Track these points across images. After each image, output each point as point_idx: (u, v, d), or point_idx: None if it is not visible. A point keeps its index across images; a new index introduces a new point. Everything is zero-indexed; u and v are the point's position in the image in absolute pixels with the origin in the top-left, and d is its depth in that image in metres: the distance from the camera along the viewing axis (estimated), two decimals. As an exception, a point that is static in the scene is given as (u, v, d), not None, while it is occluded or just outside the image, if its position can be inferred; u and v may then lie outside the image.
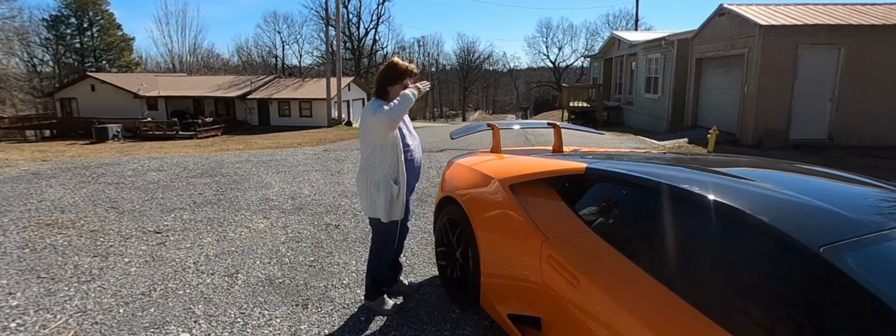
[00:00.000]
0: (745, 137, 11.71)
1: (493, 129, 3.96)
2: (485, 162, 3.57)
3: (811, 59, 11.05)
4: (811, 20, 11.26)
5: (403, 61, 3.04)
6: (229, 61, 62.78)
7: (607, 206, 2.46)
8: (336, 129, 24.56)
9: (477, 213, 3.04)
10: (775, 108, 11.31)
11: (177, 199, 5.92)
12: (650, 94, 17.58)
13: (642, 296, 1.87)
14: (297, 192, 6.33)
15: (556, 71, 63.53)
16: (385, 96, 3.01)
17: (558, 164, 2.85)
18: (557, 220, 2.53)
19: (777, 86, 11.20)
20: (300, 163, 8.75)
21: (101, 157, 9.62)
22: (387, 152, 2.97)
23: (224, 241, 4.47)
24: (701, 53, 13.96)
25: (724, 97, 13.01)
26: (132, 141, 26.26)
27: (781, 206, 1.86)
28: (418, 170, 3.25)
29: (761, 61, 11.13)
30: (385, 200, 3.01)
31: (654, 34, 19.42)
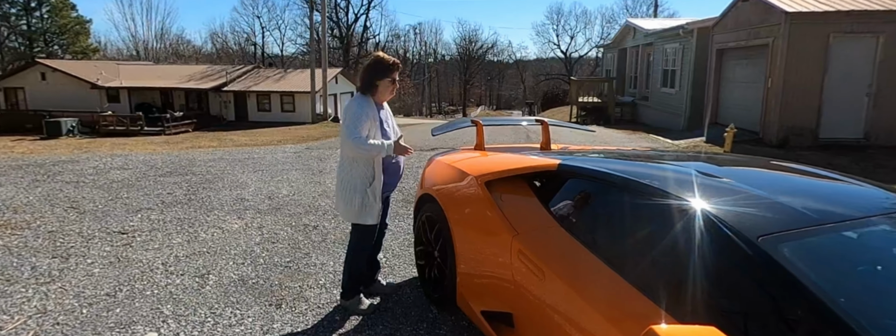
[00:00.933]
0: (768, 136, 11.92)
1: (476, 126, 4.26)
2: (464, 159, 3.87)
3: (844, 49, 11.09)
4: (845, 6, 11.24)
5: (389, 56, 3.36)
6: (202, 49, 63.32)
7: (576, 202, 2.75)
8: (321, 125, 24.88)
9: (453, 210, 3.33)
10: (803, 104, 11.42)
11: (143, 199, 6.20)
12: (667, 88, 17.90)
13: (600, 287, 2.16)
14: (274, 192, 6.62)
15: (568, 62, 64.00)
16: (372, 91, 3.32)
17: (533, 160, 3.15)
18: (528, 216, 2.82)
19: (805, 79, 11.29)
20: (279, 161, 9.05)
21: (56, 153, 9.91)
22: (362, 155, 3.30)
23: (195, 242, 4.75)
24: (722, 43, 14.25)
25: (747, 92, 13.23)
26: (90, 137, 26.33)
27: (731, 199, 2.14)
28: (399, 168, 3.54)
29: (787, 52, 11.21)
30: (359, 204, 3.31)
31: (672, 22, 19.75)
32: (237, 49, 61.33)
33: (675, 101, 17.15)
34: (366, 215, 3.33)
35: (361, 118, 3.21)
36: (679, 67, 16.83)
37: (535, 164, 3.06)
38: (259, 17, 69.42)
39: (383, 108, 3.44)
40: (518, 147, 4.59)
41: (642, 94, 21.01)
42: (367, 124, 3.21)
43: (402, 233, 5.09)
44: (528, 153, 3.85)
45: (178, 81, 33.96)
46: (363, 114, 3.22)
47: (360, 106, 3.25)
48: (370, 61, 3.37)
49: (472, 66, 71.10)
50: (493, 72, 77.18)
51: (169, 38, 60.93)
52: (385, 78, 3.28)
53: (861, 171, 9.55)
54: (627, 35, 22.72)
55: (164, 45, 59.70)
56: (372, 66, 3.33)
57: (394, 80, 3.30)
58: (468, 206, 3.25)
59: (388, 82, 3.29)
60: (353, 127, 3.20)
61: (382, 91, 3.31)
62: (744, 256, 1.79)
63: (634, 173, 2.51)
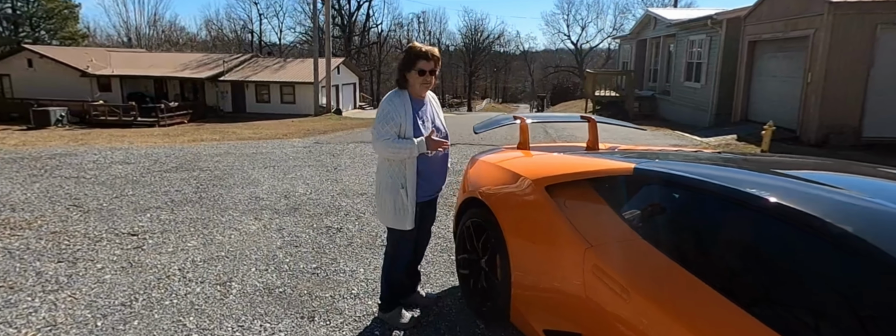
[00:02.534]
0: (807, 134, 11.72)
1: (520, 123, 4.07)
2: (514, 159, 3.68)
3: (893, 41, 10.83)
4: None
5: (422, 45, 3.14)
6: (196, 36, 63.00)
7: (659, 212, 2.56)
8: (325, 118, 24.68)
9: (507, 217, 3.14)
10: (845, 101, 11.20)
11: (151, 197, 6.03)
12: (691, 82, 17.67)
13: (706, 314, 1.97)
14: (290, 191, 6.44)
15: (578, 54, 63.72)
16: (404, 84, 3.13)
17: (601, 163, 2.95)
18: (602, 226, 2.63)
19: (848, 74, 11.07)
20: (289, 157, 8.87)
21: (51, 146, 9.74)
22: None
23: (211, 245, 4.57)
24: (755, 35, 14.02)
25: (782, 87, 13.02)
26: (80, 127, 26.02)
27: (871, 216, 1.94)
28: (442, 167, 3.32)
29: (830, 44, 10.98)
30: (391, 207, 3.12)
31: (697, 12, 19.50)
32: (233, 37, 61.12)
33: (699, 96, 16.92)
34: (399, 219, 3.13)
35: (391, 115, 3.04)
36: (705, 60, 16.60)
37: (604, 168, 2.86)
38: (256, 4, 69.45)
39: (425, 103, 3.23)
40: (561, 146, 4.41)
41: (663, 88, 20.78)
42: (397, 122, 3.03)
43: (434, 236, 4.90)
44: (576, 152, 3.67)
45: (172, 70, 33.79)
46: (393, 110, 3.05)
47: (390, 102, 3.08)
48: (403, 55, 3.20)
49: (477, 57, 70.69)
50: (500, 63, 76.85)
51: (162, 25, 60.74)
52: (411, 70, 3.07)
53: None
54: (647, 25, 22.47)
55: (157, 31, 59.52)
56: (402, 57, 3.17)
57: (423, 70, 3.07)
58: (525, 213, 3.06)
59: (416, 74, 3.07)
60: (380, 126, 3.05)
61: (413, 84, 3.11)
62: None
63: (735, 181, 2.31)
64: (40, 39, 49.20)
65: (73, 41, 50.86)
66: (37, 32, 50.97)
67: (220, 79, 32.78)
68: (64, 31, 52.36)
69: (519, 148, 4.02)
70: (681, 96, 18.53)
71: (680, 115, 18.32)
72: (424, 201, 3.25)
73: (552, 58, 71.91)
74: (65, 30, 52.52)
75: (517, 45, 79.71)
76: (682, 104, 18.37)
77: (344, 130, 14.89)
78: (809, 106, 11.70)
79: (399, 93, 3.13)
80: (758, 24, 13.94)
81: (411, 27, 69.91)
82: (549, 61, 71.44)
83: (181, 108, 29.47)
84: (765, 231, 2.08)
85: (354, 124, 19.18)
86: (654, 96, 21.20)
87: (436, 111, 3.30)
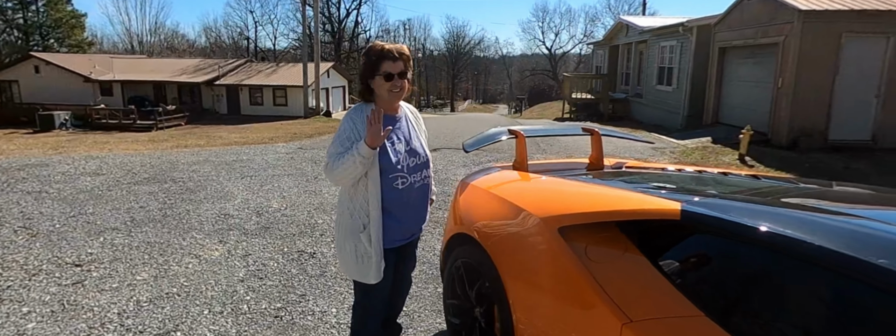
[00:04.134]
0: (778, 137, 11.10)
1: (517, 138, 3.19)
2: (512, 186, 2.81)
3: (856, 49, 10.39)
4: (857, 5, 10.49)
5: (383, 43, 2.23)
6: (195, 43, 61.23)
7: (724, 275, 1.72)
8: (314, 120, 23.65)
9: (508, 262, 2.29)
10: (814, 105, 10.67)
11: (111, 216, 5.07)
12: (663, 85, 16.95)
13: None
14: (263, 206, 5.51)
15: (552, 59, 62.99)
16: (369, 95, 2.24)
17: (633, 200, 2.07)
18: (644, 291, 1.78)
19: (816, 80, 10.54)
20: (270, 164, 7.91)
21: (29, 154, 8.69)
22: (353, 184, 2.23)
23: (164, 279, 3.66)
24: (725, 41, 13.31)
25: (753, 91, 12.38)
26: (83, 130, 25.09)
27: None
28: (419, 202, 2.37)
29: (800, 51, 10.46)
30: (352, 254, 2.24)
31: (667, 19, 18.77)
32: (230, 43, 59.36)
33: (671, 99, 16.20)
34: (362, 269, 2.24)
35: (350, 135, 2.17)
36: (677, 65, 15.87)
37: (639, 209, 1.97)
38: (252, 12, 67.33)
39: (398, 118, 2.30)
40: (562, 163, 3.55)
41: (635, 90, 20.05)
42: (346, 143, 2.17)
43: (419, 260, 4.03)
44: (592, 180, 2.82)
45: (170, 75, 32.49)
46: (352, 129, 2.17)
47: (350, 119, 2.20)
48: (363, 60, 2.27)
49: (459, 61, 69.80)
50: (480, 67, 75.95)
51: (163, 32, 58.92)
52: (375, 74, 2.16)
53: (879, 175, 8.81)
54: (620, 32, 21.70)
55: (159, 38, 57.70)
56: (362, 63, 2.26)
57: (389, 74, 2.14)
58: (533, 261, 2.20)
59: (382, 79, 2.15)
60: (333, 147, 2.19)
61: (380, 93, 2.20)
62: None
63: (838, 237, 1.48)
64: (49, 47, 48.14)
65: (80, 49, 49.55)
66: (46, 41, 50.00)
67: (216, 83, 31.51)
68: (71, 40, 51.18)
69: (515, 167, 3.14)
70: (653, 99, 17.81)
71: (652, 116, 17.61)
72: (397, 247, 2.35)
73: (528, 62, 71.14)
74: (72, 38, 51.36)
75: (496, 50, 79.05)
76: (654, 106, 17.65)
77: (330, 134, 13.90)
78: (780, 110, 11.09)
79: (363, 107, 2.23)
80: (728, 30, 13.23)
81: (397, 33, 68.60)
82: (526, 65, 70.65)
83: (178, 111, 28.24)
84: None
85: (343, 127, 18.11)
86: (626, 99, 20.46)
87: (414, 128, 2.37)
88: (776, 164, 9.02)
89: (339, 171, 2.12)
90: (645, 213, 1.91)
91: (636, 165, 3.41)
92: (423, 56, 71.56)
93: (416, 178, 2.29)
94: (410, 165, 2.27)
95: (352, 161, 2.08)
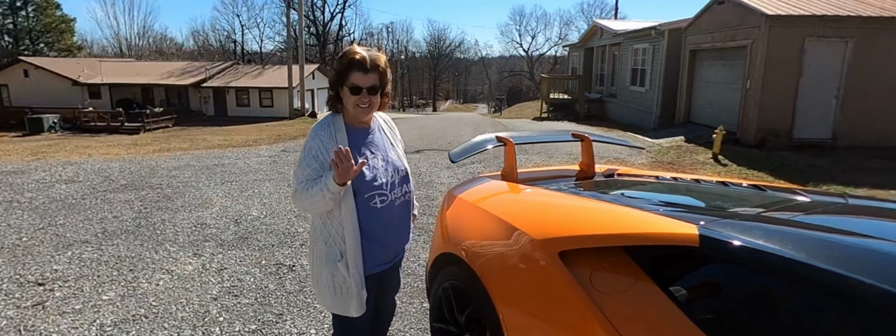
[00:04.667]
0: (746, 137, 11.05)
1: (506, 146, 2.89)
2: (503, 200, 2.52)
3: (817, 53, 10.42)
4: (819, 10, 10.57)
5: (360, 49, 1.87)
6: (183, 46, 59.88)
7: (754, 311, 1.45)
8: (299, 121, 23.15)
9: (502, 288, 2.00)
10: (779, 106, 10.67)
11: (82, 227, 4.68)
12: (636, 86, 16.82)
13: None
14: (242, 214, 5.15)
15: (529, 60, 62.86)
16: (337, 105, 1.92)
17: (644, 221, 1.78)
18: (658, 327, 1.51)
19: (782, 81, 10.54)
20: (252, 169, 7.52)
21: (6, 161, 8.17)
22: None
23: (132, 298, 3.31)
24: (696, 45, 13.20)
25: (722, 92, 12.30)
26: (71, 132, 24.40)
27: None
28: (401, 221, 2.06)
29: (767, 54, 10.45)
30: (329, 285, 1.93)
31: (640, 23, 18.65)
32: (218, 46, 58.04)
33: (644, 99, 16.07)
34: (341, 302, 1.92)
35: (317, 154, 1.85)
36: (649, 67, 15.73)
37: (650, 232, 1.66)
38: (238, 16, 66.28)
39: (371, 131, 1.98)
40: (552, 171, 3.25)
41: (609, 91, 19.91)
42: (326, 163, 1.83)
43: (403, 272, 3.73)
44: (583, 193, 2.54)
45: (158, 78, 31.65)
46: (319, 147, 1.85)
47: (316, 135, 1.88)
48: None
49: (441, 62, 69.37)
50: (461, 68, 75.56)
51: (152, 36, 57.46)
52: (343, 84, 1.85)
53: (841, 172, 8.80)
54: (595, 35, 21.54)
55: (147, 42, 56.25)
56: (333, 68, 1.95)
57: (357, 87, 1.81)
58: (530, 287, 1.91)
59: (348, 92, 1.84)
60: (300, 170, 1.87)
61: (346, 106, 1.88)
62: None
63: None
64: (39, 52, 47.16)
65: (69, 53, 48.47)
66: (36, 45, 48.97)
67: (203, 85, 30.75)
68: (61, 44, 50.18)
69: (504, 178, 2.84)
70: (627, 99, 17.68)
71: (626, 116, 17.48)
72: (380, 272, 2.05)
73: (507, 63, 70.97)
74: (61, 42, 50.35)
75: (476, 52, 78.64)
76: (628, 106, 17.52)
77: (315, 135, 13.51)
78: (749, 110, 11.04)
79: (331, 120, 1.91)
80: (698, 34, 13.11)
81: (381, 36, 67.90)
82: (504, 66, 70.46)
83: (166, 113, 27.52)
84: None
85: (327, 128, 17.63)
86: (602, 99, 20.32)
87: (390, 142, 2.05)
88: (747, 163, 8.90)
89: (308, 203, 1.82)
90: (658, 238, 1.62)
91: (628, 172, 3.14)
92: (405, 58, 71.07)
93: (396, 195, 1.99)
94: (389, 181, 1.96)
95: (321, 196, 1.77)
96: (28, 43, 48.58)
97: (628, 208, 1.91)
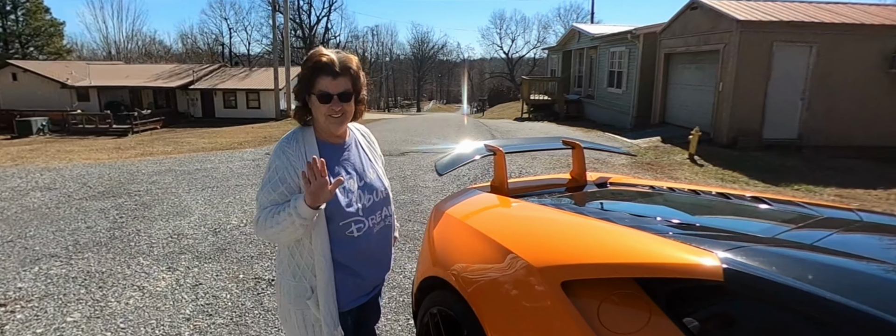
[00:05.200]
0: (719, 137, 10.98)
1: (495, 156, 2.60)
2: (495, 217, 2.24)
3: (785, 56, 10.48)
4: (786, 17, 10.67)
5: (326, 51, 1.55)
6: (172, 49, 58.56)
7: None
8: (285, 122, 22.68)
9: (497, 319, 1.73)
10: (750, 107, 10.68)
11: (53, 239, 4.31)
12: (613, 88, 16.70)
13: None
14: (221, 222, 4.82)
15: (510, 62, 62.73)
16: (306, 116, 1.60)
17: (657, 248, 1.50)
18: None
19: (752, 84, 10.56)
20: (234, 173, 7.16)
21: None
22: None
23: (99, 319, 2.99)
24: (670, 48, 13.09)
25: (696, 94, 12.23)
26: (60, 135, 23.67)
27: None
28: (381, 249, 1.76)
29: (739, 58, 10.44)
30: (300, 323, 1.63)
31: (616, 27, 18.54)
32: (206, 49, 56.88)
33: (621, 100, 15.95)
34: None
35: (283, 176, 1.53)
36: (626, 69, 15.61)
37: (669, 262, 1.39)
38: (226, 19, 64.87)
39: (345, 146, 1.67)
40: (546, 180, 2.97)
41: (587, 92, 19.78)
42: (293, 186, 1.53)
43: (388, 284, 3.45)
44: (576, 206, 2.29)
45: (146, 80, 30.81)
46: (285, 167, 1.53)
47: (281, 153, 1.55)
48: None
49: (424, 64, 69.03)
50: (444, 70, 75.27)
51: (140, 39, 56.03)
52: (310, 93, 1.54)
53: (811, 171, 8.77)
54: (573, 38, 21.40)
55: (136, 45, 54.88)
56: (299, 74, 1.64)
57: (326, 94, 1.51)
58: (529, 320, 1.64)
59: (316, 101, 1.53)
60: (265, 195, 1.55)
61: (316, 118, 1.57)
62: None
63: None
64: (29, 55, 45.71)
65: (58, 56, 47.12)
66: (26, 49, 47.49)
67: (191, 87, 30.00)
68: (50, 48, 48.72)
69: (493, 190, 2.55)
70: (604, 100, 17.56)
71: (604, 116, 17.37)
72: (358, 306, 1.76)
73: (488, 65, 70.82)
74: (51, 46, 48.87)
75: (458, 54, 78.41)
76: (605, 107, 17.40)
77: (301, 137, 13.11)
78: (722, 112, 10.98)
79: (300, 134, 1.60)
80: (672, 38, 13.00)
81: (366, 39, 67.24)
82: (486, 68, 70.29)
83: (154, 115, 26.79)
84: None
85: (313, 129, 17.14)
86: (580, 100, 20.18)
87: (369, 157, 1.74)
88: (723, 164, 8.81)
89: (273, 231, 1.50)
90: (676, 270, 1.36)
91: (620, 181, 2.88)
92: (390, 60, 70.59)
93: (375, 221, 1.69)
94: (366, 205, 1.66)
95: (289, 222, 1.46)
96: (17, 47, 47.11)
97: (638, 231, 1.66)
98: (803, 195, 7.37)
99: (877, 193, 7.49)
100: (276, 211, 1.50)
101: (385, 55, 69.84)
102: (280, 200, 1.53)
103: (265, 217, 1.52)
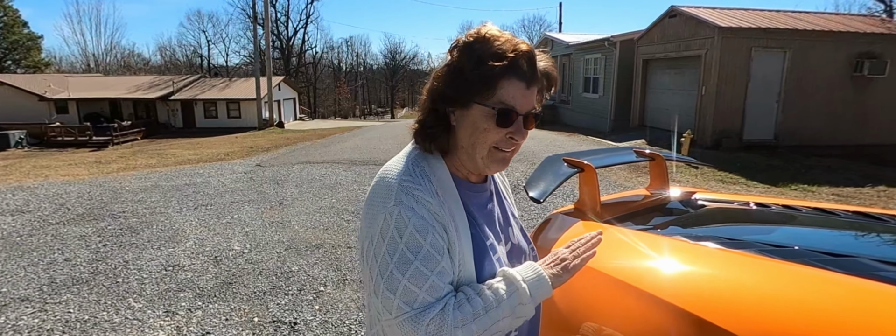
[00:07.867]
0: (703, 139, 10.72)
1: (584, 173, 1.90)
2: (649, 262, 1.48)
3: (762, 61, 10.36)
4: (763, 23, 10.54)
5: (505, 33, 0.85)
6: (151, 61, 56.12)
7: None
8: (268, 132, 21.55)
9: None
10: (732, 110, 10.51)
11: (24, 276, 3.44)
12: (589, 93, 16.33)
13: None
14: (222, 248, 4.02)
15: (478, 70, 62.47)
16: (439, 139, 0.89)
17: None
18: None
19: (733, 88, 10.40)
20: (227, 188, 6.30)
21: (-52, 187, 6.63)
22: None
23: (78, 391, 2.20)
24: (649, 54, 12.76)
25: (676, 98, 11.95)
26: (39, 148, 22.04)
27: None
28: (531, 323, 1.02)
29: (720, 63, 10.24)
30: None
31: (587, 36, 18.23)
32: (185, 61, 54.65)
33: (598, 105, 15.57)
34: None
35: (434, 244, 0.78)
36: (602, 75, 15.24)
37: None
38: (205, 32, 62.60)
39: (487, 187, 0.96)
40: (628, 197, 2.29)
41: (562, 98, 19.38)
42: (443, 249, 0.80)
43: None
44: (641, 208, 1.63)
45: (125, 92, 29.11)
46: (429, 224, 0.79)
47: (411, 200, 0.79)
48: (448, 60, 0.87)
49: (397, 73, 68.24)
50: (416, 78, 74.63)
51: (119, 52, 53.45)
52: (479, 101, 0.82)
53: (799, 172, 8.51)
54: (545, 47, 20.98)
55: (115, 58, 52.32)
56: (448, 65, 0.87)
57: (505, 111, 0.81)
58: None
59: (490, 120, 0.82)
60: (398, 280, 0.77)
61: (474, 145, 0.85)
62: None
63: None
64: (6, 69, 43.14)
65: (37, 69, 44.58)
66: (3, 63, 44.70)
67: (171, 98, 28.46)
68: (28, 61, 46.16)
69: (578, 213, 1.86)
70: (580, 105, 17.17)
71: (580, 121, 16.97)
72: None
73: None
74: (29, 59, 46.30)
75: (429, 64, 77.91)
76: (581, 112, 17.01)
77: (287, 146, 12.20)
78: (704, 115, 10.76)
79: (423, 165, 0.86)
80: (650, 45, 12.67)
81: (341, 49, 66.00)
82: (454, 77, 69.99)
83: (134, 127, 25.22)
84: None
85: (297, 138, 16.19)
86: (554, 105, 19.77)
87: (508, 208, 1.03)
88: (714, 165, 8.46)
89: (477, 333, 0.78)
90: None
91: (707, 197, 2.23)
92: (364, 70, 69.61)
93: None
94: None
95: (509, 318, 0.80)
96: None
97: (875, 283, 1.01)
98: (803, 195, 7.00)
99: (866, 191, 7.25)
100: (486, 304, 0.79)
101: (359, 65, 68.80)
102: (442, 283, 0.81)
103: (462, 316, 0.77)
